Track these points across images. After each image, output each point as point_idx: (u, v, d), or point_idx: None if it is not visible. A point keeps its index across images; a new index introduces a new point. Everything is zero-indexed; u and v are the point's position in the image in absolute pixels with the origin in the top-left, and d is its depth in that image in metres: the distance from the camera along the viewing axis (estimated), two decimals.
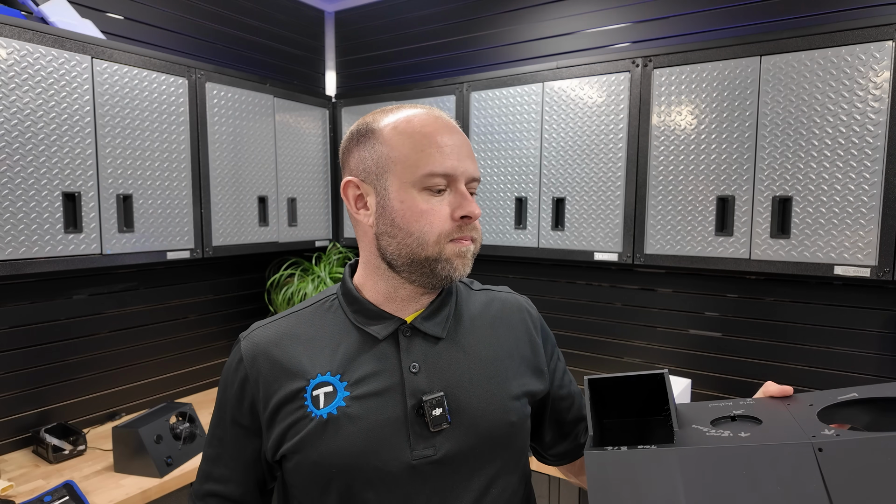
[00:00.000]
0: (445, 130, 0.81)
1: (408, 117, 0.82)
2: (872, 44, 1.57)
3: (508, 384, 0.86)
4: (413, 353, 0.82)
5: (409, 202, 0.79)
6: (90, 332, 2.12)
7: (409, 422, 0.78)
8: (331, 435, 0.78)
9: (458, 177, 0.79)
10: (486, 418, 0.82)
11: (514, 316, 0.94)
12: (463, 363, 0.84)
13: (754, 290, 2.06)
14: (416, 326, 0.84)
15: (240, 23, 2.63)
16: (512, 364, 0.88)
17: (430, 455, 0.78)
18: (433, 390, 0.80)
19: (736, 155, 1.78)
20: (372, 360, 0.82)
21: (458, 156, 0.79)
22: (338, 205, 2.78)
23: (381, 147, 0.81)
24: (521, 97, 2.17)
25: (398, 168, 0.79)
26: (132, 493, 1.64)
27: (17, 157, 1.60)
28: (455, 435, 0.80)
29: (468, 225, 0.80)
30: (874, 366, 1.87)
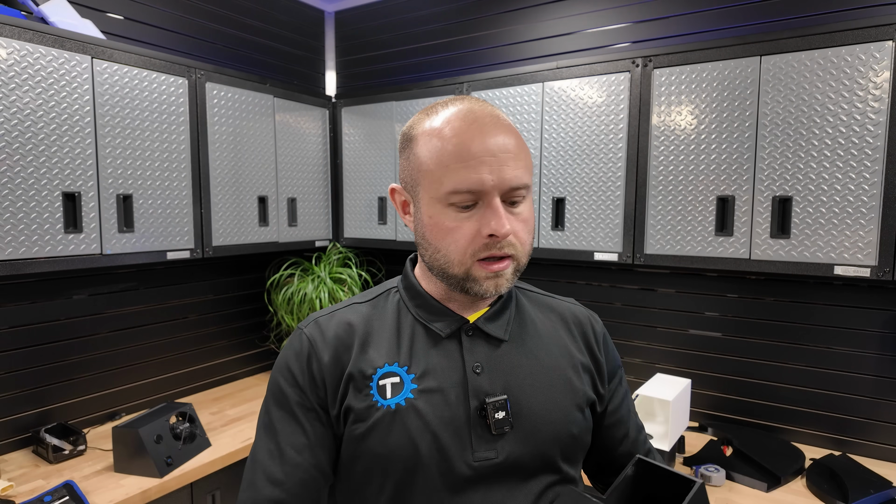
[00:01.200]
0: (478, 137, 0.74)
1: (440, 125, 0.77)
2: (872, 44, 1.57)
3: (570, 393, 0.84)
4: (476, 353, 0.81)
5: (436, 217, 0.77)
6: (90, 332, 2.12)
7: (471, 423, 0.78)
8: (398, 428, 0.77)
9: (487, 191, 0.74)
10: (549, 425, 0.80)
11: (578, 328, 0.91)
12: (525, 367, 0.83)
13: (754, 290, 2.06)
14: (479, 327, 0.83)
15: (240, 23, 2.63)
16: (575, 374, 0.86)
17: (492, 458, 0.77)
18: (496, 392, 0.79)
19: (736, 155, 1.78)
20: (435, 356, 0.81)
21: (489, 167, 0.73)
22: (338, 205, 2.78)
23: (414, 158, 0.79)
24: (521, 97, 2.17)
25: (426, 182, 0.77)
26: (132, 493, 1.64)
27: (17, 157, 1.60)
28: (517, 439, 0.78)
29: (498, 242, 0.75)
30: (874, 366, 1.87)
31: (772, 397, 2.04)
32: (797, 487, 1.69)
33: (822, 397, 1.96)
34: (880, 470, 1.76)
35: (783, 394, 2.02)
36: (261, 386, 2.61)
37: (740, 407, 2.10)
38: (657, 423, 1.72)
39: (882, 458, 1.87)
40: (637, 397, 1.69)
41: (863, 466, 1.74)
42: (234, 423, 2.15)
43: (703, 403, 2.17)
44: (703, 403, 2.17)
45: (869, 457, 1.88)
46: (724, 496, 1.64)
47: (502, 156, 0.74)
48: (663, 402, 1.69)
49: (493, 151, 0.74)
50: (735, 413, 2.12)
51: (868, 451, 1.89)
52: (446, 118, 0.77)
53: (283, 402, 0.82)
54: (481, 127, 0.75)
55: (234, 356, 2.68)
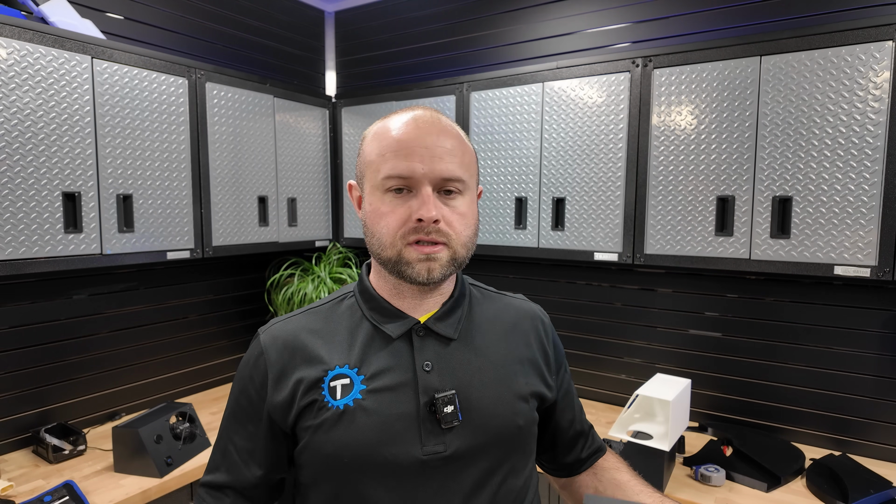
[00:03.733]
0: (414, 132, 0.81)
1: (387, 123, 0.85)
2: (872, 44, 1.57)
3: (518, 387, 0.88)
4: (426, 352, 0.85)
5: (375, 204, 0.83)
6: (90, 332, 2.12)
7: (420, 418, 0.81)
8: (346, 425, 0.80)
9: (418, 178, 0.79)
10: (496, 419, 0.84)
11: (527, 323, 0.96)
12: (474, 364, 0.86)
13: (754, 290, 2.06)
14: (430, 327, 0.86)
15: (240, 23, 2.63)
16: (522, 369, 0.90)
17: (440, 451, 0.80)
18: (445, 388, 0.82)
19: (736, 155, 1.78)
20: (386, 357, 0.84)
21: (421, 157, 0.79)
22: (338, 205, 2.78)
23: (362, 153, 0.87)
24: (521, 97, 2.17)
25: (369, 172, 0.84)
26: (132, 493, 1.64)
27: (17, 157, 1.60)
28: (465, 433, 0.82)
29: (427, 228, 0.79)
30: (874, 366, 1.87)
31: (772, 397, 2.04)
32: (797, 487, 1.69)
33: (822, 397, 1.96)
34: (880, 470, 1.76)
35: (783, 394, 2.02)
36: None
37: (740, 407, 2.10)
38: (657, 423, 1.72)
39: (882, 458, 1.87)
40: (637, 397, 1.69)
41: (863, 466, 1.74)
42: None
43: (703, 403, 2.17)
44: (703, 403, 2.17)
45: (869, 457, 1.88)
46: (724, 496, 1.64)
47: (436, 149, 0.80)
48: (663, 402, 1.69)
49: (427, 144, 0.80)
50: (735, 413, 2.12)
51: (868, 451, 1.89)
52: (392, 120, 0.85)
53: (235, 408, 0.90)
54: (419, 126, 0.82)
55: (235, 356, 2.68)
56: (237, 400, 0.89)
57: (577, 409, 1.05)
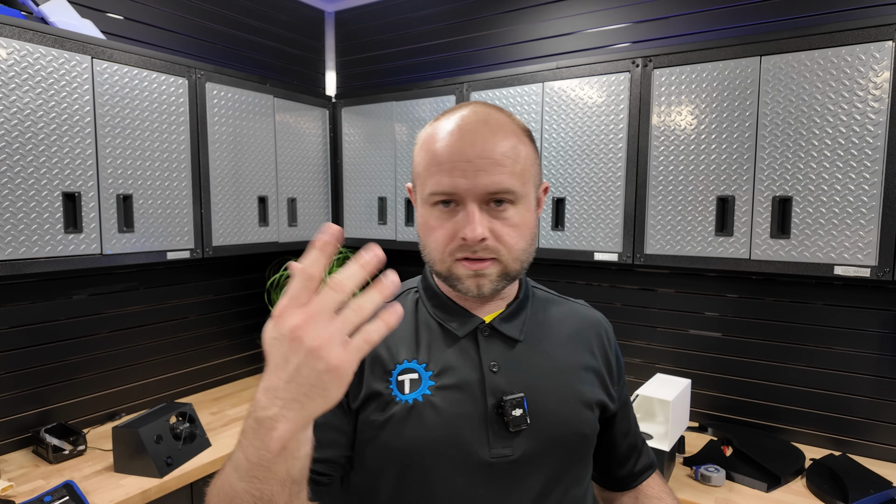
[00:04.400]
0: (457, 144, 0.76)
1: (434, 130, 0.81)
2: (872, 44, 1.57)
3: (583, 394, 0.86)
4: (492, 352, 0.83)
5: (424, 216, 0.81)
6: (90, 332, 2.12)
7: (488, 419, 0.80)
8: (415, 421, 0.79)
9: (462, 195, 0.76)
10: (563, 425, 0.83)
11: (591, 330, 0.94)
12: (540, 367, 0.85)
13: (754, 290, 2.06)
14: (495, 327, 0.85)
15: (240, 23, 2.63)
16: (586, 376, 0.88)
17: (508, 455, 0.79)
18: (513, 391, 0.81)
19: (736, 155, 1.78)
20: (452, 355, 0.83)
21: (463, 172, 0.75)
22: (338, 205, 2.78)
23: (413, 162, 0.85)
24: (521, 97, 2.17)
25: (418, 183, 0.83)
26: (132, 493, 1.64)
27: (17, 157, 1.60)
28: (532, 437, 0.80)
29: (472, 246, 0.76)
30: (874, 366, 1.87)
31: (772, 397, 2.04)
32: (797, 487, 1.69)
33: (822, 397, 1.96)
34: (880, 470, 1.76)
35: (783, 394, 2.02)
36: None
37: (740, 407, 2.10)
38: (657, 423, 1.72)
39: (882, 458, 1.87)
40: (637, 397, 1.69)
41: (863, 466, 1.74)
42: (234, 423, 2.15)
43: (703, 403, 2.17)
44: (703, 403, 2.17)
45: (869, 457, 1.88)
46: (724, 496, 1.64)
47: (480, 162, 0.75)
48: (663, 402, 1.69)
49: (470, 158, 0.75)
50: (735, 413, 2.12)
51: (868, 451, 1.89)
52: (440, 125, 0.81)
53: None
54: (464, 134, 0.77)
55: (235, 356, 2.68)
56: None
57: (633, 421, 1.02)
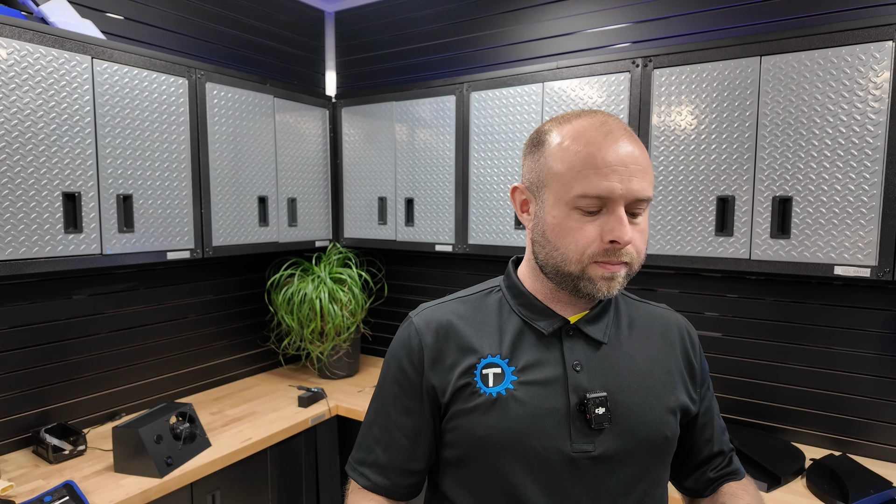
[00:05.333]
0: (612, 147, 0.77)
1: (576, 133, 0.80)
2: (872, 44, 1.57)
3: (666, 397, 0.88)
4: (576, 352, 0.86)
5: (560, 218, 0.80)
6: (90, 332, 2.12)
7: (571, 416, 0.82)
8: (498, 413, 0.82)
9: (615, 199, 0.77)
10: (644, 426, 0.84)
11: (674, 333, 0.95)
12: (623, 369, 0.87)
13: (754, 290, 2.06)
14: (580, 328, 0.87)
15: (240, 23, 2.63)
16: (669, 379, 0.90)
17: (589, 451, 0.81)
18: (595, 390, 0.83)
19: (736, 155, 1.78)
20: (536, 352, 0.86)
21: (619, 176, 0.76)
22: (338, 205, 2.78)
23: (544, 161, 0.83)
24: (521, 97, 2.17)
25: (555, 184, 0.81)
26: (132, 493, 1.64)
27: (17, 157, 1.60)
28: (613, 436, 0.82)
29: (618, 249, 0.78)
30: (874, 366, 1.87)
31: (772, 397, 2.04)
32: (797, 487, 1.69)
33: (822, 397, 1.96)
34: (880, 470, 1.76)
35: (783, 394, 2.02)
36: (261, 386, 2.61)
37: (740, 407, 2.10)
38: None
39: (882, 458, 1.87)
40: None
41: (863, 466, 1.74)
42: (234, 423, 2.15)
43: None
44: None
45: (869, 457, 1.88)
46: None
47: (632, 167, 0.77)
48: None
49: (625, 162, 0.77)
50: (735, 413, 2.12)
51: (868, 451, 1.89)
52: (582, 127, 0.81)
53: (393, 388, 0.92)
54: (616, 138, 0.78)
55: (235, 356, 2.68)
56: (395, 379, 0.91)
57: (717, 428, 1.00)
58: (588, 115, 0.83)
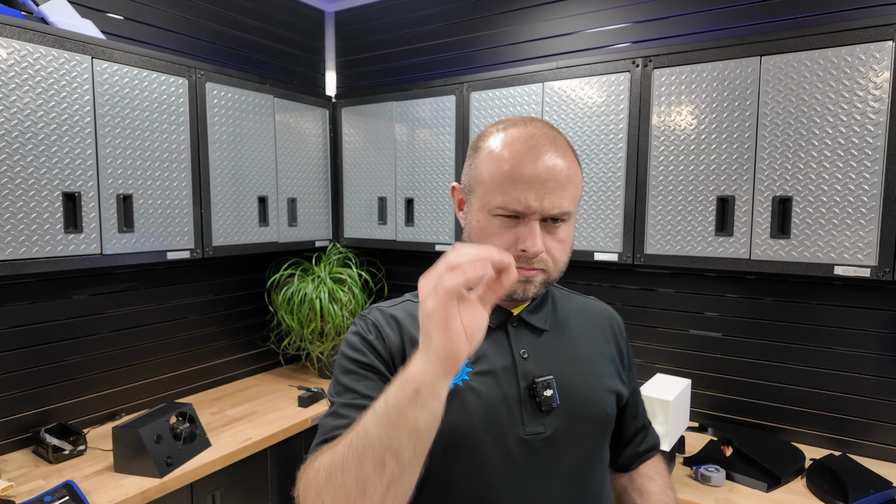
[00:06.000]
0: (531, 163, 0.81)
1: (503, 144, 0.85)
2: (872, 44, 1.57)
3: (603, 379, 0.95)
4: (521, 341, 0.92)
5: (482, 223, 0.86)
6: (90, 332, 2.12)
7: (522, 401, 0.87)
8: (457, 404, 0.85)
9: (530, 214, 0.82)
10: (590, 404, 0.91)
11: (605, 322, 1.04)
12: (566, 354, 0.94)
13: (754, 290, 2.06)
14: (524, 318, 0.93)
15: (240, 23, 2.63)
16: (604, 363, 0.97)
17: (541, 433, 0.87)
18: (543, 374, 0.89)
19: (736, 155, 1.78)
20: (485, 345, 0.90)
21: (536, 193, 0.81)
22: (338, 205, 2.78)
23: (475, 167, 0.88)
24: (521, 97, 2.17)
25: (480, 191, 0.86)
26: (132, 493, 1.64)
27: (17, 157, 1.60)
28: (562, 416, 0.88)
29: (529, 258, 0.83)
30: (874, 366, 1.87)
31: (772, 397, 2.04)
32: (797, 487, 1.69)
33: (822, 397, 1.96)
34: (880, 470, 1.76)
35: (783, 394, 2.02)
36: (261, 386, 2.61)
37: (740, 407, 2.10)
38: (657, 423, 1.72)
39: (882, 458, 1.87)
40: None
41: (863, 466, 1.74)
42: (234, 423, 2.15)
43: (703, 403, 2.17)
44: (703, 403, 2.17)
45: (869, 457, 1.88)
46: (724, 496, 1.64)
47: (549, 184, 0.81)
48: (663, 402, 1.69)
49: (543, 178, 0.81)
50: (735, 413, 2.12)
51: (868, 451, 1.89)
52: (510, 139, 0.85)
53: (350, 369, 0.90)
54: (538, 154, 0.82)
55: (234, 356, 2.68)
56: (354, 360, 0.89)
57: (640, 404, 1.09)
58: (522, 125, 0.86)
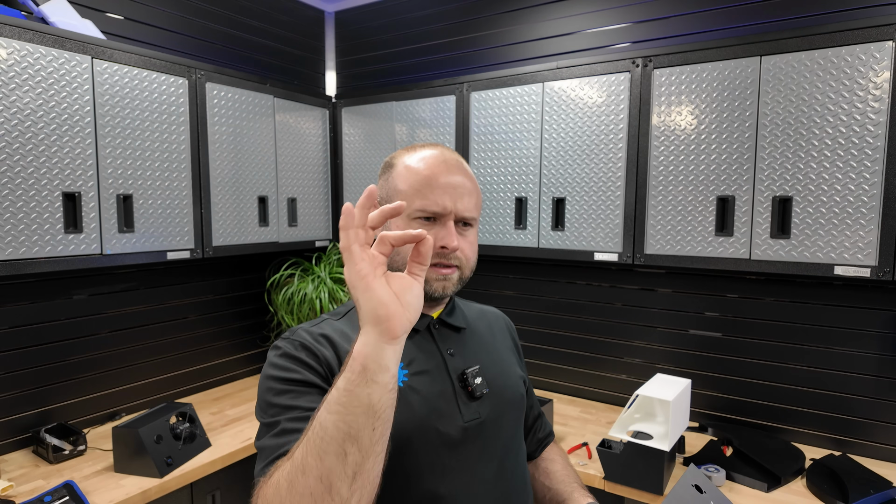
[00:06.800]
0: (445, 173, 0.95)
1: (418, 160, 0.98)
2: (872, 44, 1.57)
3: (514, 367, 1.10)
4: (446, 340, 1.02)
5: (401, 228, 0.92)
6: (90, 332, 2.12)
7: (456, 393, 0.96)
8: (402, 404, 0.89)
9: (446, 214, 0.94)
10: (508, 389, 1.03)
11: (502, 324, 1.20)
12: (482, 347, 1.06)
13: (754, 290, 2.06)
14: (444, 320, 1.04)
15: (240, 23, 2.63)
16: (510, 355, 1.13)
17: (477, 418, 0.95)
18: (470, 365, 0.99)
19: (736, 155, 1.78)
20: (415, 348, 0.98)
21: (451, 196, 0.94)
22: (338, 205, 2.78)
23: (392, 180, 0.99)
24: (521, 97, 2.17)
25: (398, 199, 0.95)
26: (132, 494, 1.64)
27: (17, 157, 1.60)
28: (491, 401, 0.98)
29: (448, 254, 0.93)
30: (874, 366, 1.87)
31: (772, 397, 2.04)
32: (797, 487, 1.69)
33: (822, 397, 1.96)
34: (880, 470, 1.76)
35: (783, 394, 2.02)
36: None
37: (740, 407, 2.10)
38: (657, 423, 1.72)
39: (882, 458, 1.87)
40: (637, 397, 1.69)
41: (863, 466, 1.74)
42: (234, 423, 2.15)
43: (703, 403, 2.17)
44: (703, 403, 2.17)
45: (869, 457, 1.88)
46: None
47: (461, 190, 0.96)
48: (663, 402, 1.69)
49: (455, 185, 0.95)
50: (735, 413, 2.12)
51: (868, 451, 1.89)
52: (424, 156, 0.98)
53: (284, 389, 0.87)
54: (449, 167, 0.97)
55: (235, 356, 2.68)
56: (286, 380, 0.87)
57: (533, 395, 1.24)
58: (430, 147, 1.00)
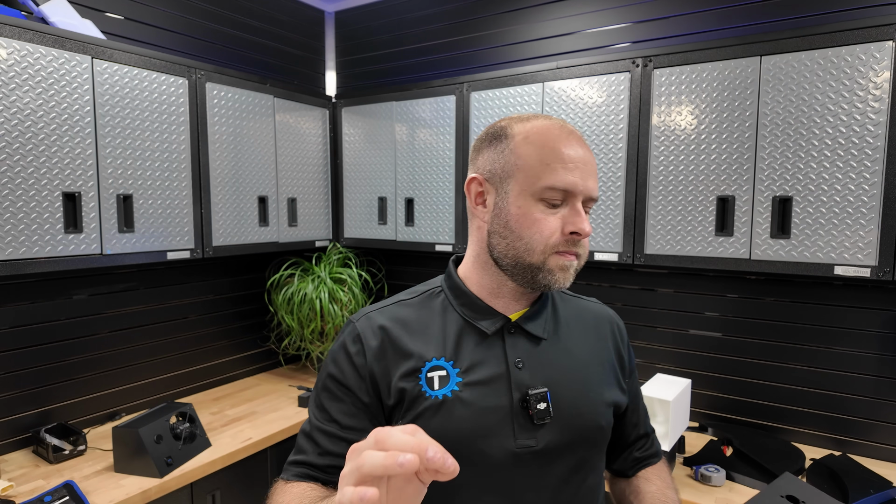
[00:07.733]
0: (575, 147, 0.83)
1: (541, 128, 0.85)
2: (872, 44, 1.57)
3: (601, 390, 0.92)
4: (517, 349, 0.88)
5: (525, 209, 0.84)
6: (90, 332, 2.12)
7: (514, 412, 0.85)
8: (444, 415, 0.83)
9: (576, 194, 0.83)
10: (582, 418, 0.88)
11: (605, 326, 1.00)
12: (562, 364, 0.90)
13: (754, 290, 2.06)
14: (521, 325, 0.90)
15: (240, 23, 2.63)
16: (603, 371, 0.94)
17: (532, 446, 0.84)
18: (536, 385, 0.86)
19: (736, 155, 1.78)
20: (479, 352, 0.88)
21: (581, 174, 0.82)
22: (338, 205, 2.78)
23: (510, 153, 0.86)
24: (522, 97, 2.17)
25: (521, 176, 0.84)
26: (132, 493, 1.64)
27: (17, 157, 1.60)
28: (554, 429, 0.85)
29: (576, 241, 0.84)
30: (874, 366, 1.87)
31: (772, 397, 2.04)
32: None
33: (822, 397, 1.96)
34: (880, 470, 1.76)
35: (783, 394, 2.02)
36: (261, 386, 2.61)
37: (740, 407, 2.10)
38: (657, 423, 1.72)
39: (882, 458, 1.87)
40: None
41: (863, 466, 1.74)
42: (234, 423, 2.15)
43: (703, 403, 2.17)
44: (703, 403, 2.17)
45: (869, 457, 1.88)
46: (724, 496, 1.64)
47: (590, 167, 0.84)
48: (663, 402, 1.69)
49: (585, 161, 0.84)
50: (735, 413, 2.12)
51: (868, 451, 1.89)
52: (546, 125, 0.86)
53: (327, 386, 0.89)
54: (576, 140, 0.85)
55: (235, 356, 2.68)
56: (332, 377, 0.88)
57: (642, 411, 1.08)
58: (544, 118, 0.88)
